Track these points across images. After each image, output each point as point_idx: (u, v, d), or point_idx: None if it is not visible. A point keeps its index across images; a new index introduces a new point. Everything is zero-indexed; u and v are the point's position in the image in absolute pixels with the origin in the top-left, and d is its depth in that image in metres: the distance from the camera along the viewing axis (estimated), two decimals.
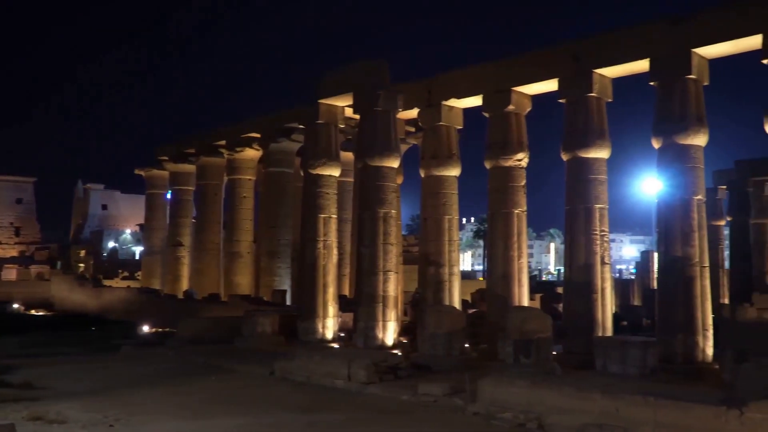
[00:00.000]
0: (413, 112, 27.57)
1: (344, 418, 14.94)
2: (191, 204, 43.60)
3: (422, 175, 26.97)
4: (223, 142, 37.88)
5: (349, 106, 28.02)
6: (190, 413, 15.25)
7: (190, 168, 41.75)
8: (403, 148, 31.35)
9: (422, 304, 25.62)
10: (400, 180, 29.68)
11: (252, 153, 37.00)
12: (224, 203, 39.76)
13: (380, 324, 25.30)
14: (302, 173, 29.27)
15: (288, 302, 33.92)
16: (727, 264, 42.17)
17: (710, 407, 12.02)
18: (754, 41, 19.13)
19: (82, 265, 69.23)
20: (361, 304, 25.73)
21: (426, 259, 26.62)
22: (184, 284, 41.68)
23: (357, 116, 27.46)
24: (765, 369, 13.78)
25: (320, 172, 28.20)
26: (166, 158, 43.19)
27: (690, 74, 20.14)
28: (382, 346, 24.75)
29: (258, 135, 35.37)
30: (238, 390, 18.17)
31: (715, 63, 21.32)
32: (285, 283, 35.42)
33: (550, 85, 23.83)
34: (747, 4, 19.19)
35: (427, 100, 26.66)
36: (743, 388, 12.35)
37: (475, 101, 25.90)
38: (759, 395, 11.66)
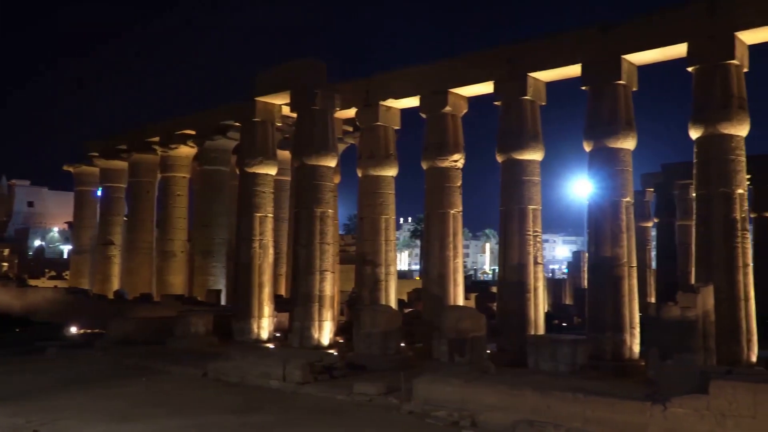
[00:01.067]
0: (351, 112, 27.56)
1: (278, 419, 14.82)
2: (123, 202, 42.40)
3: (360, 174, 26.97)
4: (156, 139, 36.98)
5: (286, 104, 27.80)
6: (119, 416, 14.85)
7: (121, 164, 40.61)
8: (341, 147, 31.32)
9: (359, 304, 25.63)
10: (337, 179, 29.62)
11: (187, 150, 36.25)
12: (157, 201, 38.84)
13: (316, 324, 25.21)
14: (238, 171, 28.88)
15: (223, 302, 33.42)
16: (654, 264, 43.66)
17: (636, 403, 12.41)
18: (679, 49, 19.85)
19: (5, 264, 66.57)
20: (297, 304, 25.56)
21: (363, 259, 26.64)
22: (115, 284, 40.53)
23: (294, 115, 27.29)
24: (687, 365, 14.31)
25: (257, 171, 27.88)
26: (96, 154, 41.85)
27: (620, 80, 20.76)
28: (318, 346, 24.67)
29: (193, 132, 34.68)
30: (169, 392, 17.80)
31: (645, 69, 22.07)
32: (220, 283, 34.88)
33: (486, 88, 24.18)
34: (673, 14, 19.90)
35: (365, 100, 26.68)
36: (667, 384, 12.79)
37: (413, 102, 26.07)
38: (681, 390, 12.10)
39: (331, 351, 23.63)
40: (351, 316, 26.98)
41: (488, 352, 21.48)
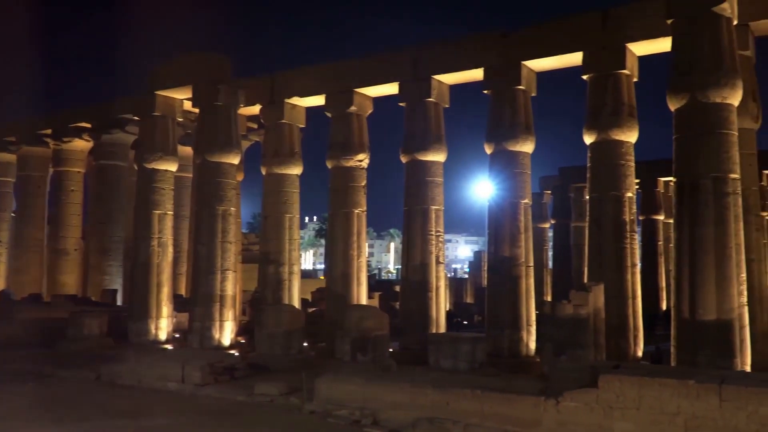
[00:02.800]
0: (255, 109, 27.17)
1: (173, 422, 14.38)
2: (11, 197, 39.98)
3: (264, 172, 26.62)
4: (48, 131, 35.07)
5: (188, 99, 27.06)
6: None
7: (9, 157, 38.30)
8: (245, 144, 30.81)
9: (261, 303, 25.30)
10: (240, 177, 29.12)
11: (82, 144, 34.63)
12: (49, 197, 36.95)
13: (217, 324, 24.68)
14: (137, 167, 27.88)
15: (119, 303, 32.17)
16: (550, 264, 45.33)
17: (530, 398, 12.83)
18: (575, 58, 20.67)
19: None
20: (197, 304, 24.94)
21: (266, 258, 26.31)
22: (1, 284, 38.27)
23: (196, 110, 26.60)
24: (578, 361, 14.91)
25: (156, 167, 27.01)
26: None
27: (519, 85, 21.41)
28: (219, 347, 24.16)
29: (89, 125, 33.15)
30: (58, 397, 16.94)
31: (546, 75, 22.84)
32: (116, 283, 33.54)
33: (392, 89, 24.38)
34: (569, 24, 20.71)
35: (269, 97, 26.36)
36: (560, 379, 13.27)
37: (318, 100, 25.96)
38: (573, 385, 12.59)
39: (232, 351, 23.22)
40: (253, 315, 26.57)
41: (391, 350, 21.67)
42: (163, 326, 26.42)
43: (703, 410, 11.14)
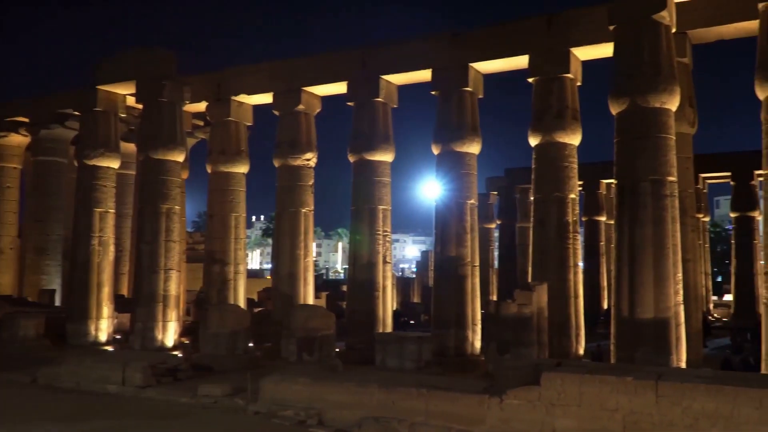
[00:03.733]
0: (201, 106, 26.77)
1: (113, 425, 14.03)
2: None
3: (209, 170, 26.26)
4: None
5: (131, 94, 26.48)
6: None
7: None
8: (191, 142, 30.30)
9: (206, 303, 24.94)
10: (185, 175, 28.62)
11: (19, 139, 33.49)
12: None
13: (160, 324, 24.21)
14: (77, 164, 27.15)
15: (58, 303, 31.23)
16: (496, 263, 45.92)
17: (475, 396, 12.95)
18: (522, 61, 21.00)
19: None
20: (139, 304, 24.42)
21: (211, 257, 25.96)
22: None
23: (140, 106, 26.04)
24: (522, 359, 15.14)
25: (97, 164, 26.35)
26: None
27: (467, 86, 21.64)
28: (162, 348, 23.72)
29: (26, 119, 32.11)
30: None
31: (493, 77, 23.11)
32: (54, 283, 32.53)
33: (340, 88, 24.35)
34: (515, 28, 21.02)
35: (216, 94, 26.01)
36: (504, 377, 13.45)
37: (266, 98, 25.75)
38: (516, 383, 12.77)
39: (175, 352, 22.82)
40: (198, 316, 26.19)
41: (337, 350, 21.64)
42: (103, 327, 25.80)
43: (640, 406, 11.43)
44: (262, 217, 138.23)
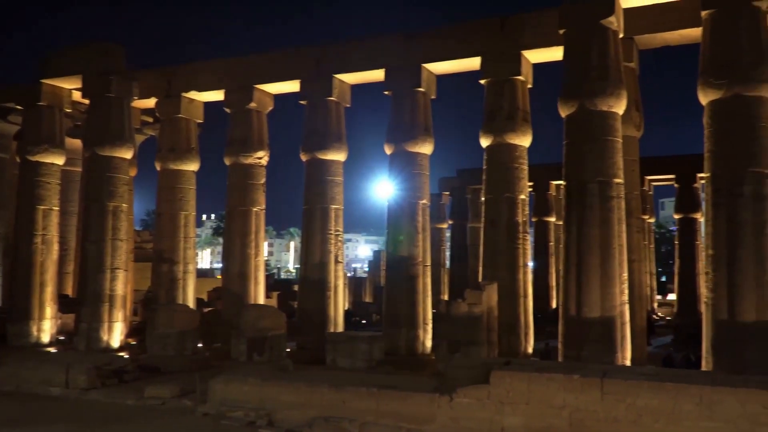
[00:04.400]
0: (151, 102, 26.26)
1: (55, 430, 13.65)
2: None
3: (158, 168, 25.79)
4: None
5: (78, 89, 25.79)
6: None
7: None
8: (139, 138, 29.73)
9: (154, 303, 24.48)
10: (133, 172, 28.05)
11: None
12: None
13: (106, 325, 23.66)
14: (19, 159, 26.34)
15: None
16: (448, 263, 46.26)
17: (425, 395, 13.01)
18: (474, 62, 21.19)
19: None
20: (85, 304, 23.83)
21: (160, 256, 25.50)
22: None
23: (87, 101, 25.42)
24: (471, 358, 15.29)
25: (41, 160, 25.62)
26: None
27: (420, 87, 21.74)
28: (108, 349, 23.19)
29: None
30: None
31: (447, 78, 23.28)
32: None
33: (293, 86, 24.19)
34: (468, 29, 21.21)
35: (166, 90, 25.55)
36: (454, 376, 13.54)
37: (217, 96, 25.43)
38: (466, 382, 12.88)
39: (121, 354, 22.35)
40: (145, 316, 25.67)
41: (288, 350, 21.50)
42: (46, 328, 25.09)
43: (586, 403, 11.65)
44: (212, 215, 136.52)
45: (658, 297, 46.75)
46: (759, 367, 14.44)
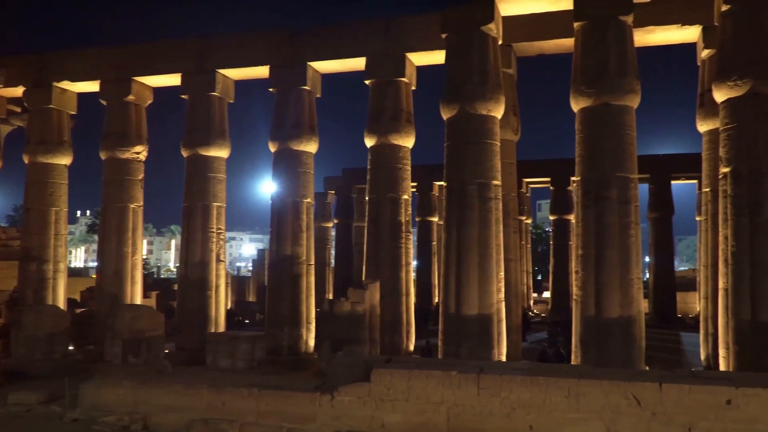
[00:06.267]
0: (18, 90, 24.70)
1: None
2: None
3: (27, 161, 24.31)
4: None
5: None
6: None
7: None
8: (5, 129, 27.90)
9: (20, 304, 23.05)
10: None
11: None
12: None
13: None
14: None
15: None
16: (333, 262, 46.31)
17: (306, 394, 12.99)
18: (360, 62, 21.32)
19: None
20: None
21: (27, 255, 24.05)
22: None
23: None
24: (354, 356, 15.39)
25: None
26: None
27: (305, 85, 21.64)
28: None
29: None
30: None
31: (332, 76, 23.27)
32: None
33: (174, 80, 23.46)
34: (354, 29, 21.31)
35: (36, 79, 24.12)
36: (336, 375, 13.58)
37: (93, 87, 24.27)
38: (348, 380, 12.96)
39: None
40: (10, 318, 24.10)
41: (167, 351, 20.85)
42: None
43: (463, 398, 12.01)
44: (88, 212, 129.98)
45: (535, 295, 48.83)
46: (622, 360, 15.43)
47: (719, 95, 15.69)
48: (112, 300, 22.79)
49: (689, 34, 19.06)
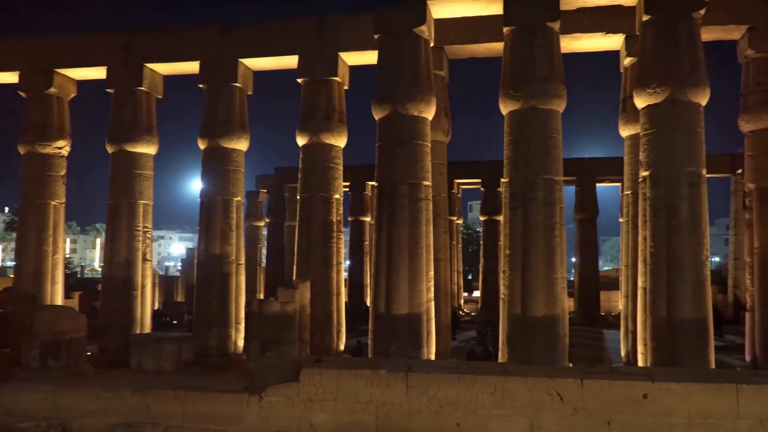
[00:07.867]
0: None
1: None
2: None
3: None
4: None
5: None
6: None
7: None
8: None
9: None
10: None
11: None
12: None
13: None
14: None
15: None
16: (264, 261, 45.85)
17: (233, 395, 12.81)
18: (293, 60, 21.17)
19: None
20: None
21: None
22: None
23: None
24: (282, 357, 15.28)
25: None
26: None
27: (236, 82, 21.34)
28: None
29: None
30: None
31: (265, 73, 22.98)
32: None
33: (99, 73, 22.77)
34: (286, 27, 21.13)
35: None
36: (264, 375, 13.43)
37: (11, 78, 23.29)
38: (277, 380, 12.84)
39: None
40: None
41: (89, 354, 20.16)
42: None
43: (392, 397, 12.07)
44: (6, 209, 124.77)
45: (465, 294, 49.55)
46: (547, 357, 15.83)
47: (640, 102, 16.30)
48: (30, 301, 21.94)
49: (613, 42, 19.72)
